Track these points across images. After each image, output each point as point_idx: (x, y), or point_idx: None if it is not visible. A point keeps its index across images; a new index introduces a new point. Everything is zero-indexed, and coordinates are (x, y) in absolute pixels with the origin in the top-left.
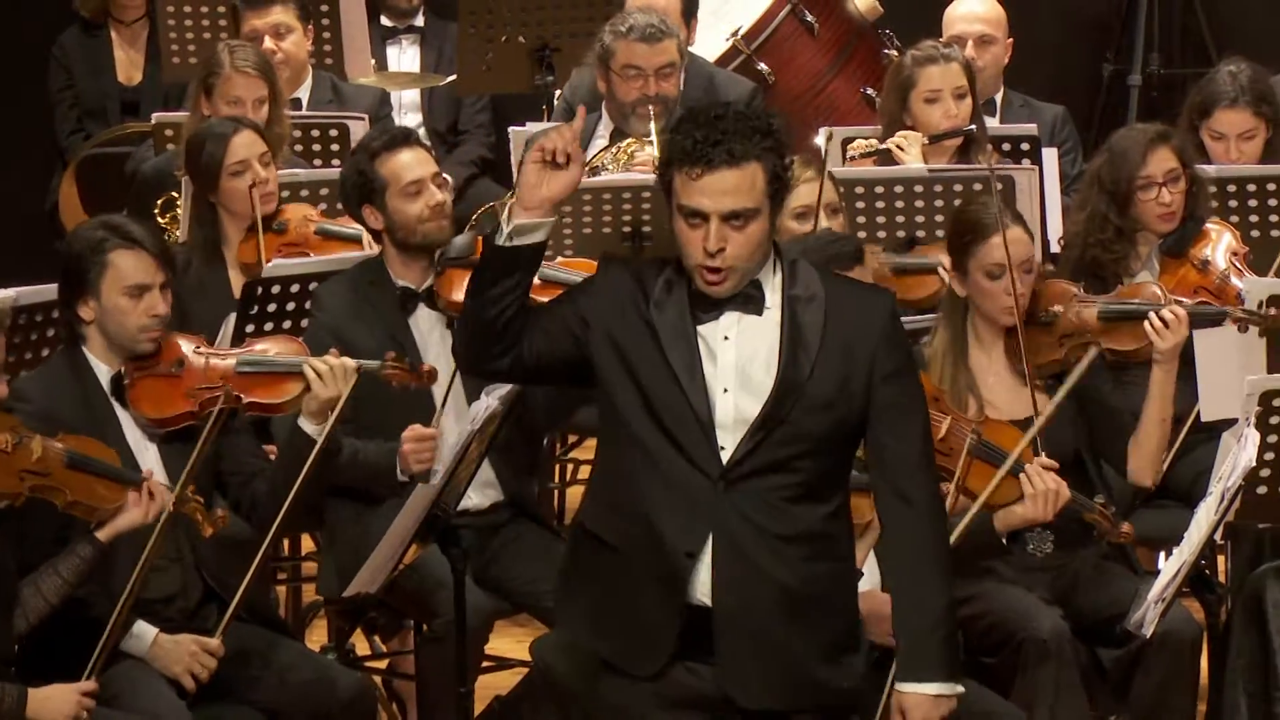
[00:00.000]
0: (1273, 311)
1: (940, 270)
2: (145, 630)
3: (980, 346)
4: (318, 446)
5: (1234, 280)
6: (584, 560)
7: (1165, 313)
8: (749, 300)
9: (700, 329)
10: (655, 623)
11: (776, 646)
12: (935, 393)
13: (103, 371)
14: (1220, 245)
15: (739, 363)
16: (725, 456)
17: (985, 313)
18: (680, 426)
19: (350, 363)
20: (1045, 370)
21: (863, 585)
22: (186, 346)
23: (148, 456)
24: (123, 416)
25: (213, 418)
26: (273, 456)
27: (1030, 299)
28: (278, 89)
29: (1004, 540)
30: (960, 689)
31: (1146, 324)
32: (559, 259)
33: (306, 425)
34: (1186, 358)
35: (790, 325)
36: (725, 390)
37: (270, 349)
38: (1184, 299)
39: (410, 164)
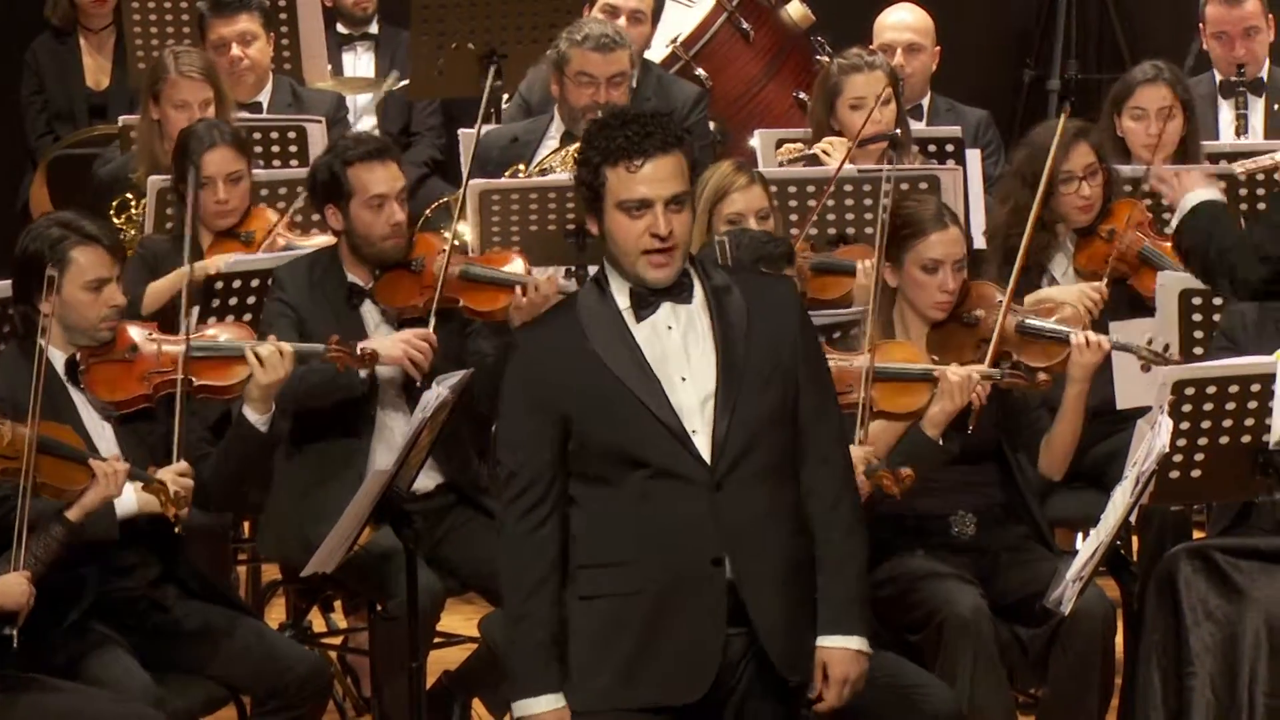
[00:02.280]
0: (1175, 355)
1: (859, 271)
2: (125, 490)
3: (905, 336)
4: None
5: (1144, 250)
6: (596, 628)
7: (1087, 337)
8: (681, 290)
9: (643, 325)
10: (700, 642)
11: (801, 619)
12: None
13: (57, 357)
14: (1124, 216)
15: (688, 350)
16: (704, 449)
17: (915, 305)
18: (655, 447)
19: (288, 348)
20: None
21: None
22: (138, 333)
23: (104, 436)
24: (78, 399)
25: (178, 402)
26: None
27: (958, 296)
28: (223, 92)
29: (941, 442)
30: (870, 650)
31: (1072, 340)
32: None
33: (249, 412)
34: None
35: (718, 310)
36: (684, 379)
37: (219, 334)
38: (1100, 284)
39: (380, 179)
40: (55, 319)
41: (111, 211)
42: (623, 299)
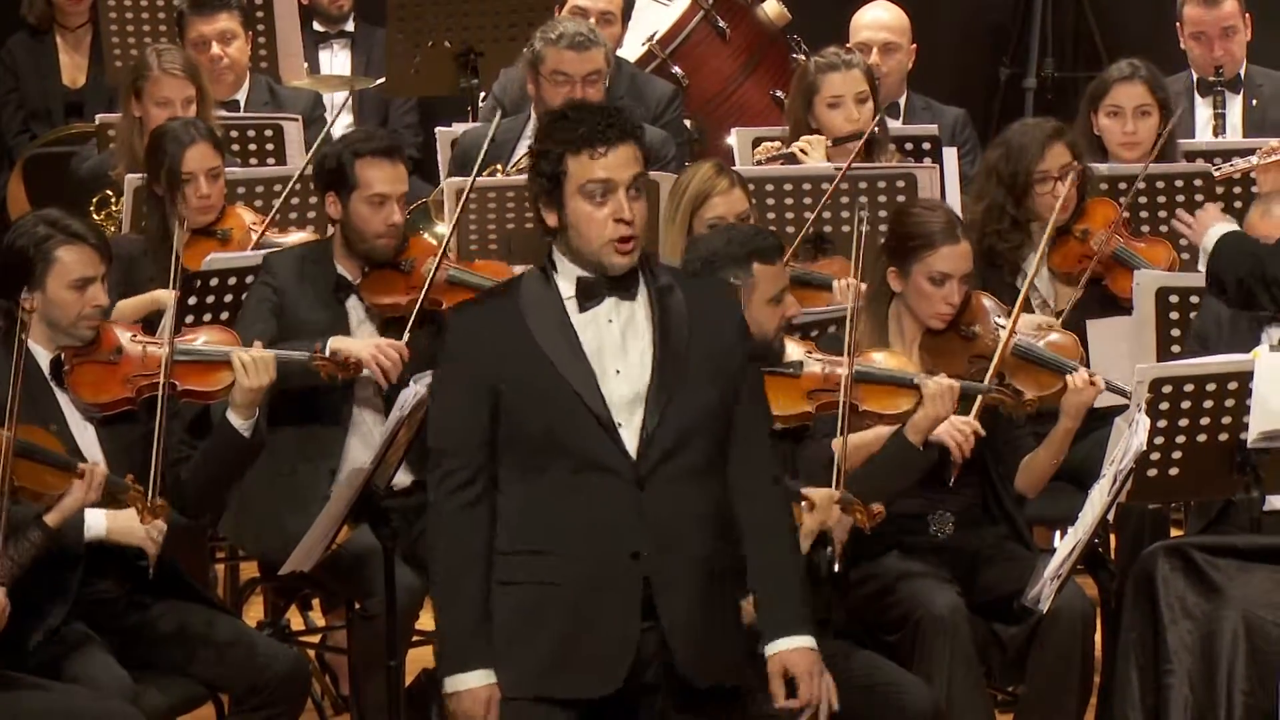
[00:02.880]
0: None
1: (835, 289)
2: (95, 515)
3: (900, 340)
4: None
5: (1119, 251)
6: (513, 616)
7: (1085, 377)
8: (626, 285)
9: (584, 316)
10: (615, 637)
11: (715, 624)
12: (808, 347)
13: (40, 355)
14: (1098, 216)
15: (625, 344)
16: (630, 443)
17: (916, 312)
18: (583, 437)
19: (271, 354)
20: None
21: None
22: (124, 335)
23: (86, 437)
24: (61, 399)
25: (160, 408)
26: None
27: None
28: (205, 89)
29: (923, 448)
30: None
31: (1069, 379)
32: (477, 260)
33: (233, 417)
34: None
35: (660, 309)
36: (618, 372)
37: (204, 339)
38: (1069, 271)
39: (386, 178)
40: (39, 316)
41: (91, 209)
42: (568, 288)
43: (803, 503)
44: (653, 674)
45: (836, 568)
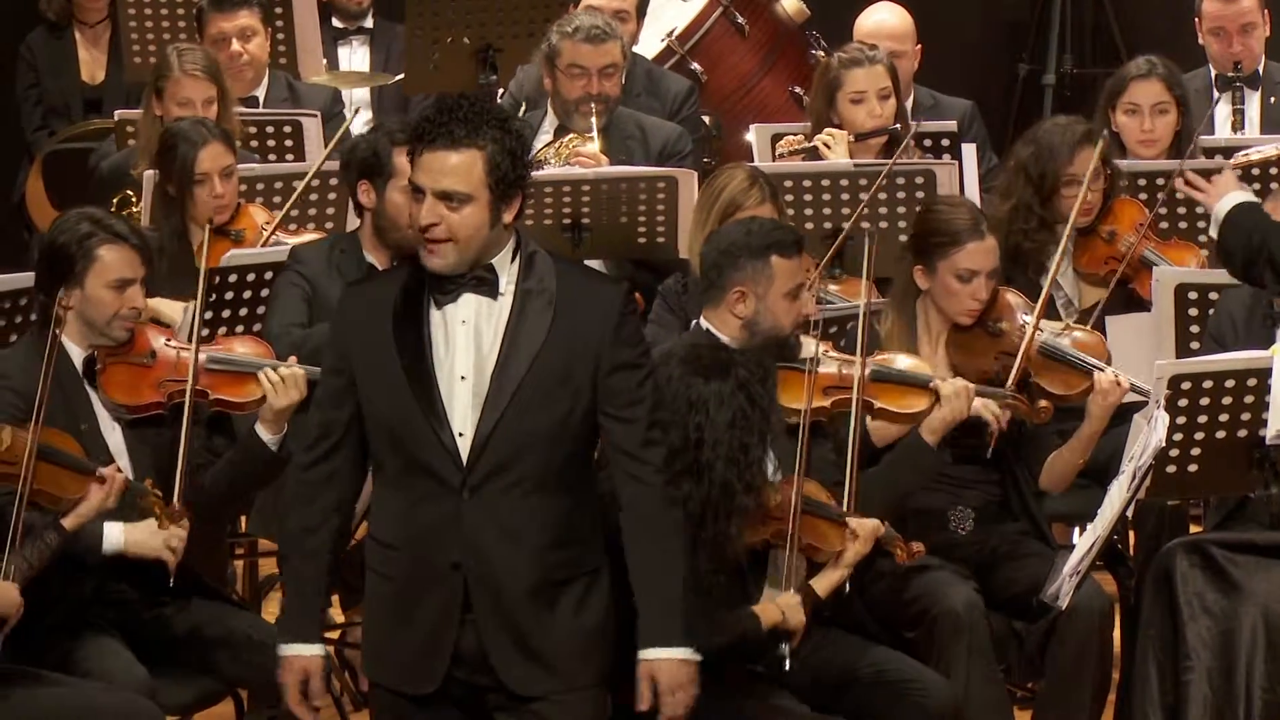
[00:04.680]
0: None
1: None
2: (113, 529)
3: (927, 336)
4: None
5: (1147, 254)
6: (369, 600)
7: (1114, 378)
8: (483, 283)
9: (439, 312)
10: (432, 640)
11: (535, 637)
12: (826, 345)
13: (75, 352)
14: (1125, 217)
15: (477, 347)
16: (464, 452)
17: (943, 309)
18: (417, 441)
19: (302, 371)
20: (973, 375)
21: None
22: (158, 339)
23: (114, 438)
24: (93, 398)
25: (186, 413)
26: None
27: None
28: (226, 89)
29: (938, 450)
30: (699, 657)
31: (1097, 379)
32: None
33: (263, 431)
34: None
35: (516, 318)
36: (463, 378)
37: (239, 349)
38: (1095, 272)
39: None
40: (75, 314)
41: (113, 208)
42: (434, 281)
43: (847, 531)
44: (482, 676)
45: (786, 666)
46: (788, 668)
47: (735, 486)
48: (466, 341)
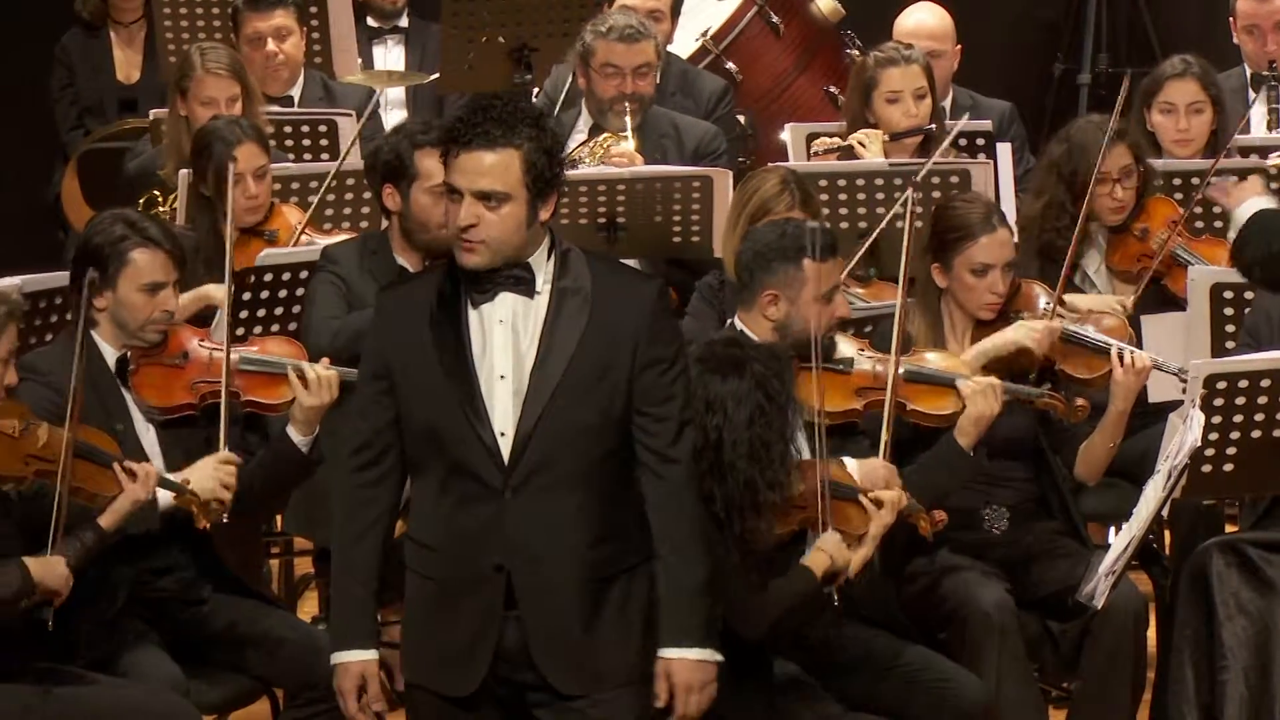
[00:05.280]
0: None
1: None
2: (163, 494)
3: (953, 334)
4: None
5: (1179, 251)
6: (410, 600)
7: (1132, 357)
8: (520, 282)
9: (476, 312)
10: (473, 641)
11: (579, 635)
12: (861, 345)
13: (109, 353)
14: (1158, 215)
15: (515, 347)
16: (505, 452)
17: (964, 306)
18: (459, 443)
19: (334, 374)
20: (1002, 369)
21: None
22: (191, 340)
23: (147, 438)
24: (127, 398)
25: (223, 415)
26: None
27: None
28: (250, 87)
29: (972, 453)
30: (719, 657)
31: (1114, 356)
32: None
33: (294, 433)
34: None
35: (553, 316)
36: (502, 377)
37: (272, 349)
38: (1127, 270)
39: None
40: (108, 315)
41: (140, 207)
42: (469, 281)
43: (869, 502)
44: (524, 674)
45: (835, 600)
46: (835, 601)
47: (758, 483)
48: (504, 341)
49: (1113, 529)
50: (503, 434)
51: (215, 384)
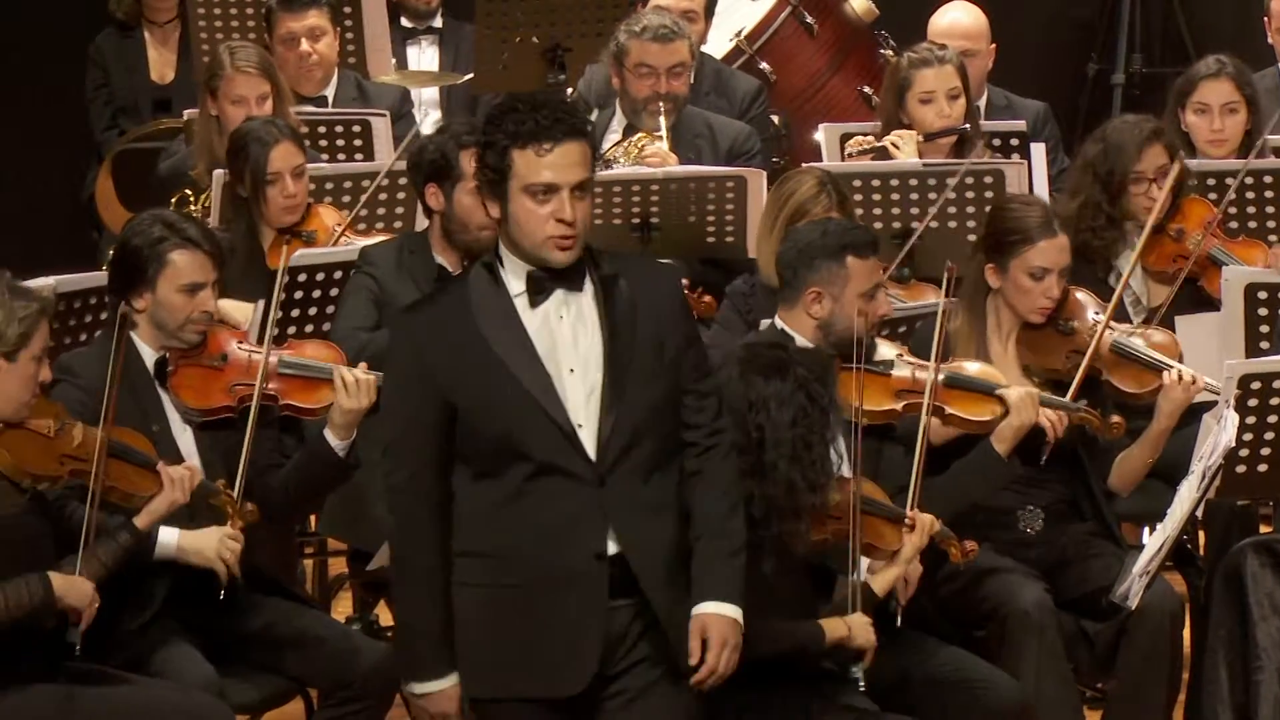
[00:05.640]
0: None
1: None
2: (168, 533)
3: (998, 335)
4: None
5: (1215, 252)
6: (474, 617)
7: (1182, 374)
8: (573, 277)
9: (535, 313)
10: (580, 637)
11: (678, 615)
12: (900, 349)
13: (147, 354)
14: (1193, 215)
15: (576, 340)
16: (589, 444)
17: (1015, 308)
18: (541, 442)
19: (373, 378)
20: (1043, 374)
21: None
22: (230, 341)
23: (184, 439)
24: (165, 399)
25: (253, 416)
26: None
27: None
28: (281, 86)
29: (1008, 459)
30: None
31: (1165, 377)
32: None
33: (331, 436)
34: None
35: (606, 305)
36: (571, 371)
37: (310, 352)
38: (1163, 270)
39: None
40: (147, 316)
41: (171, 208)
42: (517, 284)
43: (905, 524)
44: (628, 650)
45: (860, 687)
46: (861, 689)
47: (799, 485)
48: (569, 335)
49: (1147, 529)
50: (580, 426)
51: (254, 386)
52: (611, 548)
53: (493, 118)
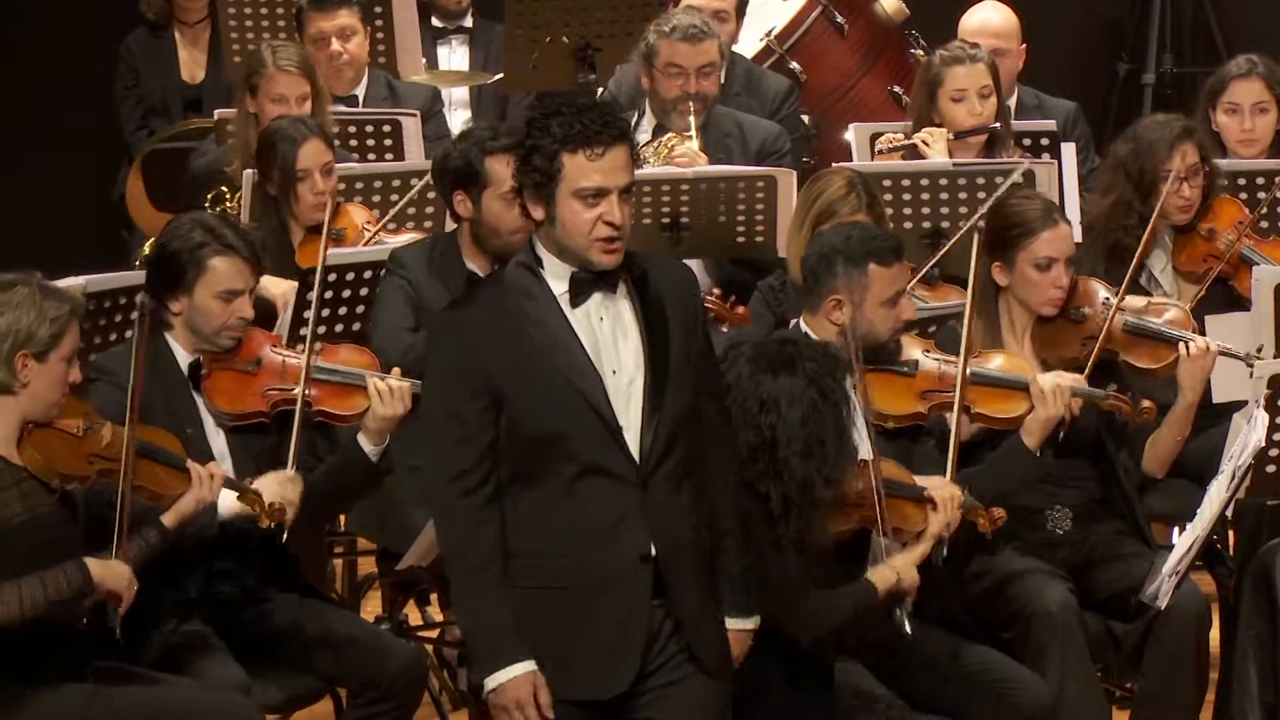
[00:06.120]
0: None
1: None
2: (226, 494)
3: (1012, 333)
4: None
5: (1247, 252)
6: (523, 618)
7: (1196, 342)
8: (611, 279)
9: (578, 314)
10: (624, 637)
11: (710, 611)
12: (926, 345)
13: (182, 357)
14: (1224, 215)
15: (615, 341)
16: (633, 446)
17: (1027, 303)
18: (588, 442)
19: (407, 385)
20: (1062, 366)
21: None
22: (265, 346)
23: (217, 443)
24: (198, 402)
25: (296, 420)
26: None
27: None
28: (320, 86)
29: (1039, 454)
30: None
31: (1180, 346)
32: None
33: (364, 443)
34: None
35: (641, 307)
36: (614, 372)
37: (344, 358)
38: (1193, 270)
39: None
40: (183, 320)
41: (206, 205)
42: (559, 285)
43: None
44: (664, 649)
45: (906, 629)
46: (908, 630)
47: (814, 481)
48: (607, 337)
49: (1176, 529)
50: (625, 427)
51: (287, 392)
52: (654, 554)
53: (536, 121)
